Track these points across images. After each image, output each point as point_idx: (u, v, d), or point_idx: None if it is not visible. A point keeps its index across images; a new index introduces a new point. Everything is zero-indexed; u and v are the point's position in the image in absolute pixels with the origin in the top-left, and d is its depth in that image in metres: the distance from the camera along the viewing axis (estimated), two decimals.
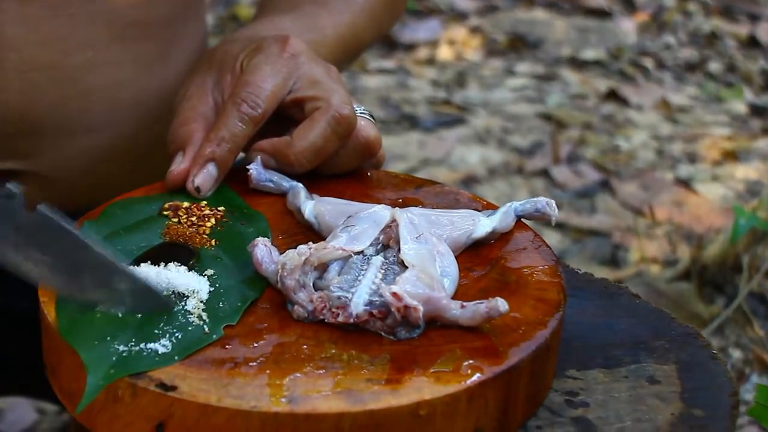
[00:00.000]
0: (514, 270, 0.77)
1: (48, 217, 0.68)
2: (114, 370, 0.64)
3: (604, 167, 2.66)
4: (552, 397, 0.72)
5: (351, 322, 0.68)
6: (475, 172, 2.63)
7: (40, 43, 0.93)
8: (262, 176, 0.86)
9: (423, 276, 0.70)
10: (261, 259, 0.73)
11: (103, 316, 0.69)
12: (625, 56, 3.46)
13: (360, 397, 0.63)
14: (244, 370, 0.64)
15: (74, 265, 0.69)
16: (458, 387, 0.64)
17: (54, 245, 0.69)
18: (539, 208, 0.83)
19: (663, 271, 2.17)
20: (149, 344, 0.66)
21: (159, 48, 1.03)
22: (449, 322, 0.69)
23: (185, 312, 0.69)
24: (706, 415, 0.71)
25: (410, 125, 2.89)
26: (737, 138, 2.88)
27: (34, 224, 0.68)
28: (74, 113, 0.98)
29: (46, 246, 0.69)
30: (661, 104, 3.09)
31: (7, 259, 0.70)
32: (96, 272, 0.69)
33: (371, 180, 0.90)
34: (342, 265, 0.73)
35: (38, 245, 0.69)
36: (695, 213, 2.44)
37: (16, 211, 0.68)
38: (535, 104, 3.06)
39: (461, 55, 3.45)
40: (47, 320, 0.69)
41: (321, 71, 0.88)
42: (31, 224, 0.68)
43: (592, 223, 2.40)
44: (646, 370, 0.75)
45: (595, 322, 0.80)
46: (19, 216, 0.68)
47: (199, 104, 0.88)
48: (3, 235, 0.69)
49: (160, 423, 0.63)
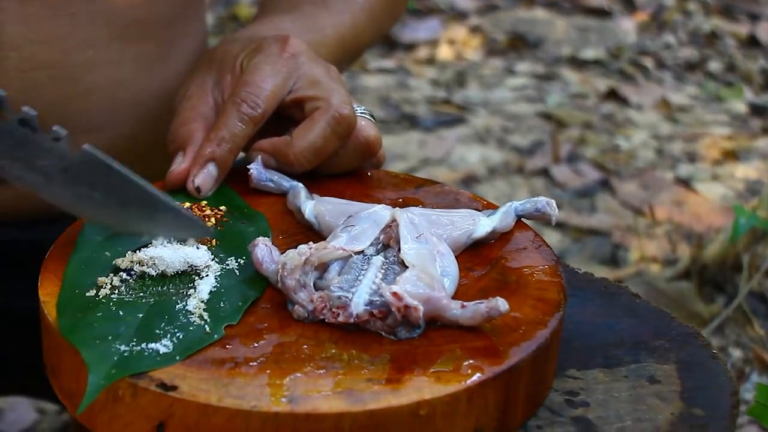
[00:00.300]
0: (515, 270, 0.77)
1: (93, 156, 0.72)
2: (115, 370, 0.64)
3: (604, 167, 2.66)
4: (552, 397, 0.72)
5: (351, 322, 0.68)
6: (475, 171, 2.63)
7: (40, 42, 0.93)
8: (263, 176, 0.86)
9: (423, 276, 0.70)
10: (261, 259, 0.73)
11: (104, 315, 0.69)
12: (625, 56, 3.46)
13: (360, 397, 0.63)
14: (244, 370, 0.64)
15: (120, 199, 0.74)
16: (458, 387, 0.64)
17: (100, 182, 0.73)
18: (539, 207, 0.83)
19: (663, 270, 2.17)
20: (150, 344, 0.66)
21: (159, 48, 1.03)
22: (449, 321, 0.69)
23: (186, 312, 0.69)
24: (706, 414, 0.71)
25: (410, 125, 2.89)
26: (737, 137, 2.88)
27: (81, 163, 0.73)
28: (74, 112, 0.98)
29: (93, 183, 0.74)
30: (661, 104, 3.09)
31: (57, 197, 0.75)
32: (141, 205, 0.74)
33: (371, 180, 0.90)
34: (342, 265, 0.73)
35: (86, 183, 0.73)
36: (695, 212, 2.44)
37: (63, 152, 0.72)
38: (535, 104, 3.06)
39: (461, 55, 3.45)
40: (47, 320, 0.69)
41: (321, 71, 0.88)
42: (78, 163, 0.73)
43: (592, 222, 2.39)
44: (646, 370, 0.75)
45: (595, 322, 0.80)
46: (65, 156, 0.73)
47: (199, 104, 0.88)
48: (52, 174, 0.73)
49: (160, 423, 0.63)
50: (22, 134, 0.72)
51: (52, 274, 0.73)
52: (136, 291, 0.72)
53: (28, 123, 0.72)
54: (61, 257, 0.75)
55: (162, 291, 0.72)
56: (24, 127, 0.72)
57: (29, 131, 0.72)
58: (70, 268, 0.73)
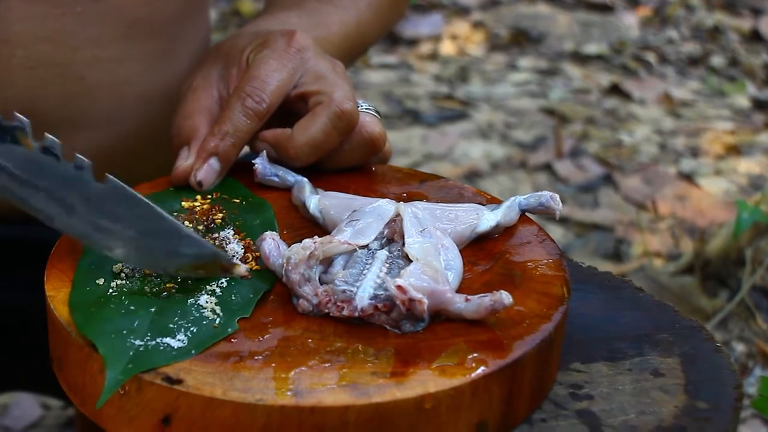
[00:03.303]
0: (519, 264, 0.77)
1: (118, 187, 0.70)
2: (132, 365, 0.64)
3: (607, 161, 2.66)
4: (556, 390, 0.72)
5: (356, 315, 0.69)
6: (478, 166, 2.63)
7: (46, 40, 0.93)
8: (268, 170, 0.86)
9: (427, 269, 0.70)
10: (269, 253, 0.73)
11: (117, 309, 0.69)
12: (628, 50, 3.46)
13: (365, 390, 0.63)
14: (249, 364, 0.64)
15: (144, 232, 0.71)
16: (463, 380, 0.64)
17: (124, 214, 0.70)
18: (543, 202, 0.83)
19: (666, 265, 2.17)
20: (165, 339, 0.66)
21: (164, 45, 1.03)
22: (454, 315, 0.69)
23: (198, 306, 0.70)
24: (710, 407, 0.71)
25: (413, 120, 2.89)
26: (740, 132, 2.88)
27: (104, 194, 0.70)
28: (80, 110, 0.98)
29: (116, 215, 0.70)
30: (664, 98, 3.09)
31: (76, 229, 0.72)
32: (165, 239, 0.71)
33: (376, 174, 0.90)
34: (347, 259, 0.73)
35: (108, 215, 0.70)
36: (698, 207, 2.44)
37: (86, 182, 0.70)
38: (537, 99, 3.06)
39: (464, 50, 3.45)
40: (54, 314, 0.69)
41: (327, 66, 0.88)
42: (101, 194, 0.70)
43: (595, 217, 2.39)
44: (650, 363, 0.75)
45: (599, 316, 0.80)
46: (89, 186, 0.70)
47: (204, 96, 0.88)
48: (73, 205, 0.71)
49: (166, 416, 0.63)
50: (45, 162, 0.70)
51: (58, 269, 0.73)
52: (148, 284, 0.72)
53: (50, 151, 0.70)
54: (66, 253, 0.75)
55: (172, 284, 0.72)
56: (47, 155, 0.70)
57: (53, 159, 0.70)
58: (81, 264, 0.73)
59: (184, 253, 0.71)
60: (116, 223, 0.70)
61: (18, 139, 0.70)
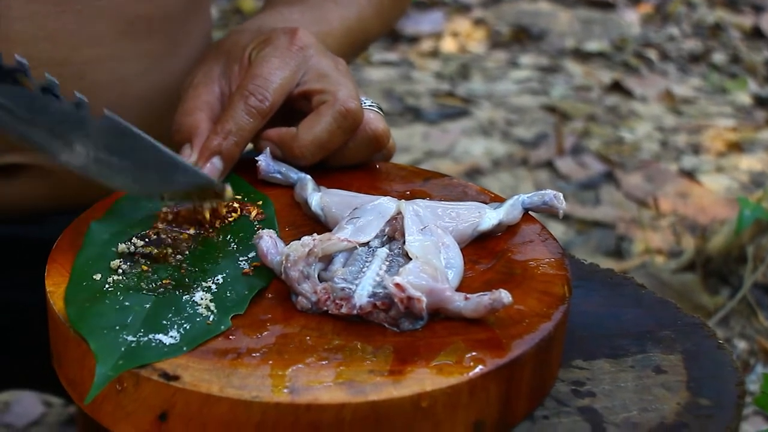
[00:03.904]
0: (520, 262, 0.77)
1: (115, 122, 0.73)
2: (123, 360, 0.64)
3: (609, 159, 2.66)
4: (558, 387, 0.72)
5: (354, 313, 0.68)
6: (479, 164, 2.62)
7: (47, 38, 0.93)
8: (271, 168, 0.86)
9: (427, 267, 0.70)
10: (266, 251, 0.73)
11: (111, 304, 0.69)
12: (629, 48, 3.45)
13: (362, 388, 0.62)
14: (246, 361, 0.64)
15: (140, 163, 0.75)
16: (460, 379, 0.64)
17: (121, 147, 0.75)
18: (547, 200, 0.83)
19: (667, 262, 2.17)
20: (157, 335, 0.66)
21: (165, 43, 1.03)
22: (453, 313, 0.69)
23: (193, 303, 0.69)
24: (712, 404, 0.70)
25: (414, 117, 2.89)
26: (741, 129, 2.87)
27: (102, 129, 0.74)
28: None
29: (115, 148, 0.75)
30: (665, 95, 3.08)
31: (76, 163, 0.76)
32: (160, 169, 0.75)
33: (379, 172, 0.90)
34: (347, 256, 0.73)
35: (107, 148, 0.75)
36: (700, 204, 2.43)
37: (84, 118, 0.74)
38: (539, 96, 3.06)
39: (465, 47, 3.45)
40: (53, 310, 0.69)
41: (329, 64, 0.88)
42: (100, 129, 0.74)
43: (597, 214, 2.39)
44: (652, 360, 0.75)
45: (601, 312, 0.80)
46: (87, 122, 0.74)
47: (205, 92, 0.88)
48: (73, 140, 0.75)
49: (162, 412, 0.63)
50: (45, 101, 0.73)
51: (58, 264, 0.73)
52: (144, 280, 0.71)
53: (50, 90, 0.73)
54: (68, 248, 0.75)
55: (168, 280, 0.72)
56: (46, 94, 0.73)
57: (52, 98, 0.73)
58: (78, 260, 0.73)
59: (179, 180, 0.76)
60: (114, 155, 0.75)
61: (18, 80, 0.73)
